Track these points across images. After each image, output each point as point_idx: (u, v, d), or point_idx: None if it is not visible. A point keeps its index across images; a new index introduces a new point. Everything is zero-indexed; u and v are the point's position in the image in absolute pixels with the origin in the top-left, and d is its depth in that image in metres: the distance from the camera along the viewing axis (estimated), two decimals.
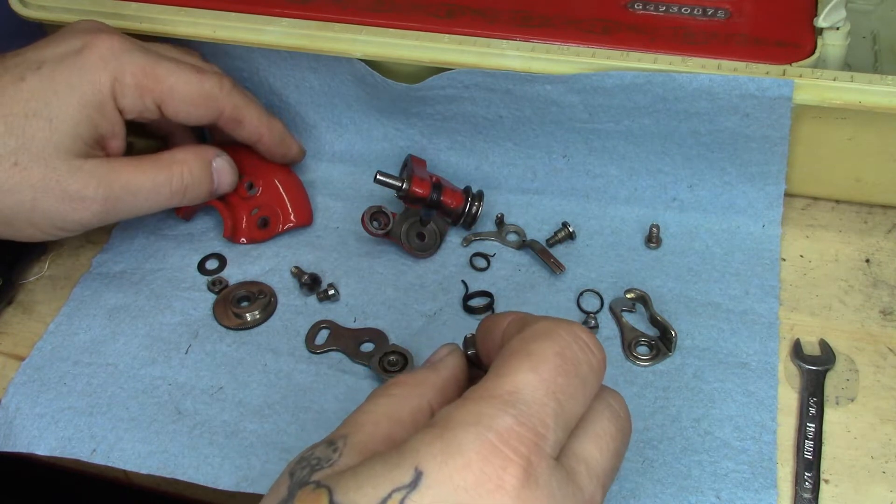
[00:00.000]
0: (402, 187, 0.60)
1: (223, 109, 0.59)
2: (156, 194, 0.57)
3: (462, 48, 0.60)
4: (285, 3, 0.64)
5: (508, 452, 0.33)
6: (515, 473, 0.33)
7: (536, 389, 0.35)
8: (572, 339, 0.37)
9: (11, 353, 0.59)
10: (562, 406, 0.35)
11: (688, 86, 0.57)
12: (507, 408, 0.34)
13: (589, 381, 0.37)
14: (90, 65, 0.55)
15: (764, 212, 0.62)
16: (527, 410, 0.34)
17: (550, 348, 0.36)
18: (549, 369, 0.36)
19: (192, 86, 0.57)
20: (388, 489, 0.33)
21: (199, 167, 0.59)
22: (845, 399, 0.54)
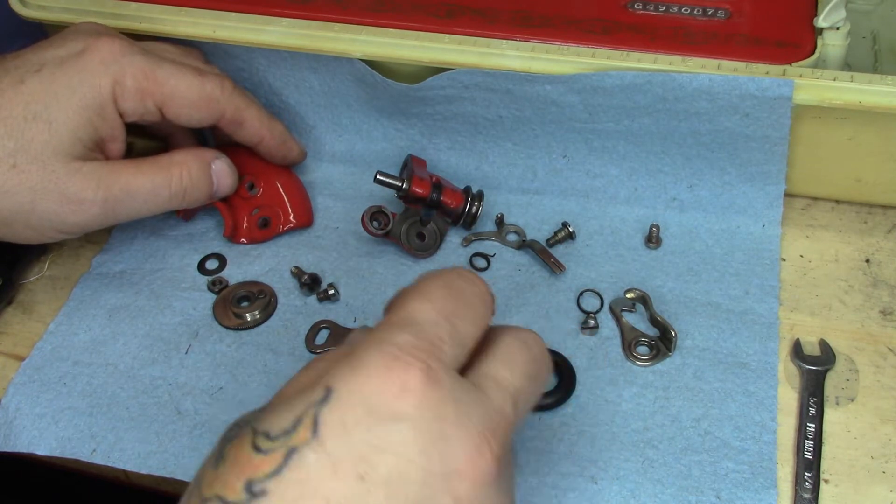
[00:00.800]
0: (402, 187, 0.60)
1: (224, 112, 0.59)
2: (155, 196, 0.57)
3: (462, 48, 0.60)
4: (285, 3, 0.64)
5: (409, 359, 0.36)
6: (417, 375, 0.36)
7: (428, 313, 0.38)
8: (455, 274, 0.41)
9: (11, 353, 0.59)
10: (454, 326, 0.39)
11: (688, 86, 0.57)
12: (405, 327, 0.37)
13: (476, 306, 0.40)
14: (91, 68, 0.55)
15: (764, 212, 0.62)
16: (421, 329, 0.38)
17: (438, 281, 0.40)
18: (438, 297, 0.39)
19: (194, 89, 0.57)
20: (302, 408, 0.35)
21: (198, 169, 0.59)
22: (845, 399, 0.54)
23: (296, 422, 0.35)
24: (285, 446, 0.34)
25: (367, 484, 0.34)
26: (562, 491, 0.50)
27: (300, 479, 0.34)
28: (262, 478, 0.34)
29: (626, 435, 0.52)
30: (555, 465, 0.51)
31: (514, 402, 0.39)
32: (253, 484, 0.34)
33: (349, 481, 0.34)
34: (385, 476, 0.34)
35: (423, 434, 0.35)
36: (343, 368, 0.36)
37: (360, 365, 0.36)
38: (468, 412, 0.36)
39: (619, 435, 0.52)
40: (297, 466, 0.34)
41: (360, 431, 0.34)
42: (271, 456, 0.34)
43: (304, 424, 0.35)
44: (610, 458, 0.51)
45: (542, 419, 0.53)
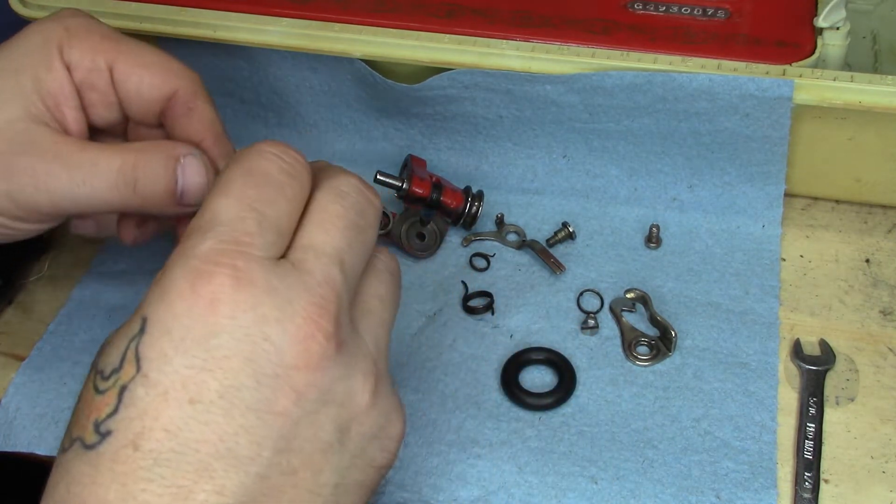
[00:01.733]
0: (402, 187, 0.60)
1: (181, 86, 0.50)
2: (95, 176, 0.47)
3: (462, 48, 0.60)
4: (285, 3, 0.64)
5: (212, 268, 0.35)
6: (223, 281, 0.35)
7: (230, 208, 0.37)
8: (256, 153, 0.39)
9: (11, 353, 0.59)
10: (262, 213, 0.37)
11: (688, 86, 0.57)
12: (206, 233, 0.36)
13: (286, 184, 0.38)
14: (44, 20, 0.50)
15: (764, 212, 0.62)
16: (224, 228, 0.36)
17: (237, 169, 0.38)
18: (239, 187, 0.37)
19: (153, 54, 0.51)
20: (126, 342, 0.35)
21: (160, 160, 0.47)
22: (845, 399, 0.54)
23: (121, 358, 0.35)
24: (117, 385, 0.35)
25: (201, 404, 0.34)
26: (562, 491, 0.50)
27: (136, 414, 0.34)
28: (104, 418, 0.35)
29: (626, 435, 0.52)
30: (555, 465, 0.51)
31: (340, 263, 0.38)
32: (99, 424, 0.35)
33: (183, 406, 0.34)
34: (217, 392, 0.34)
35: (243, 341, 0.35)
36: (154, 294, 0.36)
37: (167, 288, 0.35)
38: (289, 299, 0.36)
39: (619, 435, 0.52)
40: (131, 403, 0.34)
41: (180, 356, 0.34)
42: (108, 395, 0.35)
43: (128, 360, 0.35)
44: (610, 458, 0.51)
45: (542, 419, 0.53)
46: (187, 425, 0.34)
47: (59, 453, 0.36)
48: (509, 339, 0.57)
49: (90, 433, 0.35)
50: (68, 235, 0.65)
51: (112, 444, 0.34)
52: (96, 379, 0.36)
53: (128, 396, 0.34)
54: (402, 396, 0.54)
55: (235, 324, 0.35)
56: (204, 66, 0.66)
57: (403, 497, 0.50)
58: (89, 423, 0.35)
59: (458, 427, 0.53)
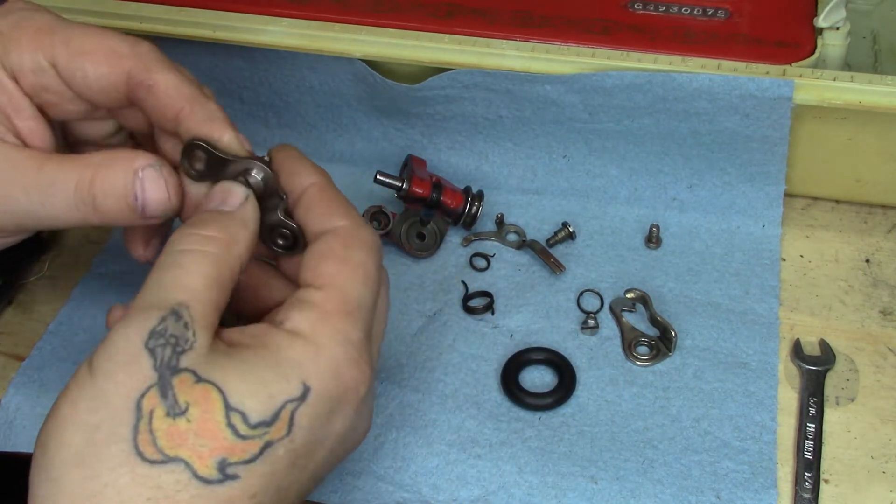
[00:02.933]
0: (402, 187, 0.60)
1: (131, 66, 0.45)
2: (53, 197, 0.44)
3: (462, 48, 0.60)
4: (285, 3, 0.64)
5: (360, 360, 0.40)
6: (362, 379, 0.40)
7: (369, 300, 0.41)
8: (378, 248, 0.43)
9: (11, 353, 0.59)
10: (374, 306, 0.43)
11: (687, 86, 0.57)
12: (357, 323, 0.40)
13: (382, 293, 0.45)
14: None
15: (764, 212, 0.62)
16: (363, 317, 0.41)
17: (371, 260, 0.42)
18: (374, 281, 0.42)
19: (93, 38, 0.46)
20: (282, 401, 0.37)
21: (117, 174, 0.44)
22: (845, 399, 0.54)
23: (274, 416, 0.37)
24: (263, 439, 0.36)
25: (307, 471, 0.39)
26: (562, 491, 0.50)
27: (269, 471, 0.36)
28: (237, 462, 0.35)
29: (626, 435, 0.52)
30: (555, 465, 0.51)
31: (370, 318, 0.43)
32: (227, 466, 0.35)
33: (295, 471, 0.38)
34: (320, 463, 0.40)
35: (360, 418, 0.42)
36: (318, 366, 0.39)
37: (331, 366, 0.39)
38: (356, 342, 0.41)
39: (619, 435, 0.52)
40: (269, 460, 0.36)
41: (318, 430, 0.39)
42: (249, 444, 0.36)
43: (282, 419, 0.37)
44: (610, 458, 0.51)
45: (542, 419, 0.53)
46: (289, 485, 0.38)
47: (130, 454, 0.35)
48: (509, 339, 0.57)
49: (210, 468, 0.35)
50: (68, 235, 0.65)
51: (234, 489, 0.36)
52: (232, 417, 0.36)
53: (270, 453, 0.37)
54: (402, 396, 0.54)
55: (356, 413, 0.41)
56: (204, 66, 0.66)
57: (403, 497, 0.50)
58: (211, 458, 0.35)
59: (458, 427, 0.53)
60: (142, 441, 0.35)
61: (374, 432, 0.53)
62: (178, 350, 0.37)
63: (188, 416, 0.36)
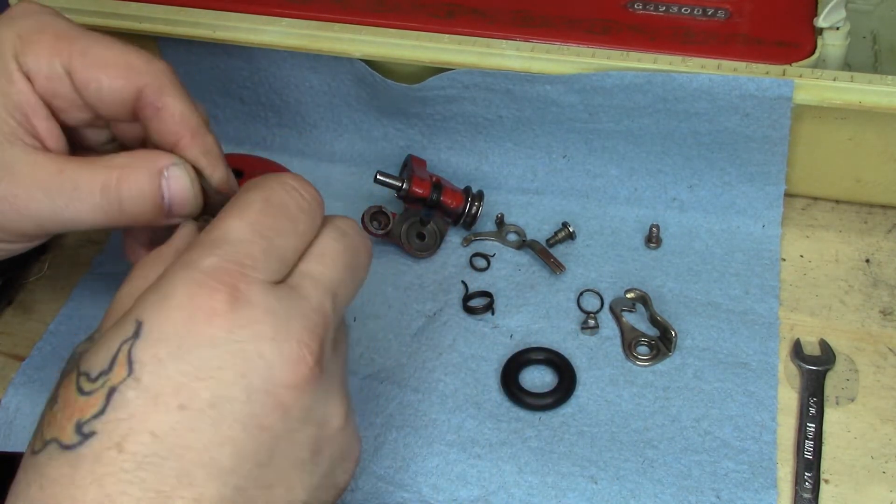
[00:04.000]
0: (402, 187, 0.60)
1: (144, 85, 0.46)
2: (77, 200, 0.44)
3: (462, 48, 0.60)
4: (285, 3, 0.64)
5: (213, 283, 0.36)
6: (223, 299, 0.36)
7: (241, 230, 0.38)
8: (279, 184, 0.40)
9: (11, 353, 0.59)
10: (270, 241, 0.38)
11: (688, 86, 0.57)
12: (213, 249, 0.37)
13: (300, 219, 0.40)
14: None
15: (764, 212, 0.62)
16: (231, 249, 0.37)
17: (256, 195, 0.40)
18: (254, 212, 0.39)
19: (111, 50, 0.46)
20: (117, 344, 0.36)
21: (143, 175, 0.45)
22: (845, 399, 0.54)
23: (112, 360, 0.36)
24: (105, 387, 0.35)
25: (190, 411, 0.35)
26: (562, 491, 0.50)
27: (123, 417, 0.35)
28: (89, 419, 0.35)
29: (626, 435, 0.52)
30: (555, 465, 0.51)
31: (333, 295, 0.40)
32: (82, 425, 0.35)
33: (172, 412, 0.35)
34: (207, 401, 0.35)
35: (238, 356, 0.36)
36: (150, 299, 0.36)
37: (166, 295, 0.36)
38: (286, 321, 0.37)
39: (619, 435, 0.52)
40: (119, 405, 0.35)
41: (175, 362, 0.35)
42: (94, 396, 0.35)
43: (120, 362, 0.35)
44: (610, 458, 0.51)
45: (542, 419, 0.53)
46: (175, 431, 0.35)
47: (27, 455, 0.36)
48: (509, 339, 0.57)
49: (70, 434, 0.35)
50: (68, 235, 0.65)
51: (95, 446, 0.34)
52: (80, 380, 0.36)
53: (117, 398, 0.35)
54: (402, 396, 0.54)
55: (232, 338, 0.36)
56: (204, 66, 0.66)
57: (403, 497, 0.50)
58: (69, 423, 0.35)
59: (458, 427, 0.53)
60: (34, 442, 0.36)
61: (374, 432, 0.53)
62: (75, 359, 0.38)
63: (56, 400, 0.37)
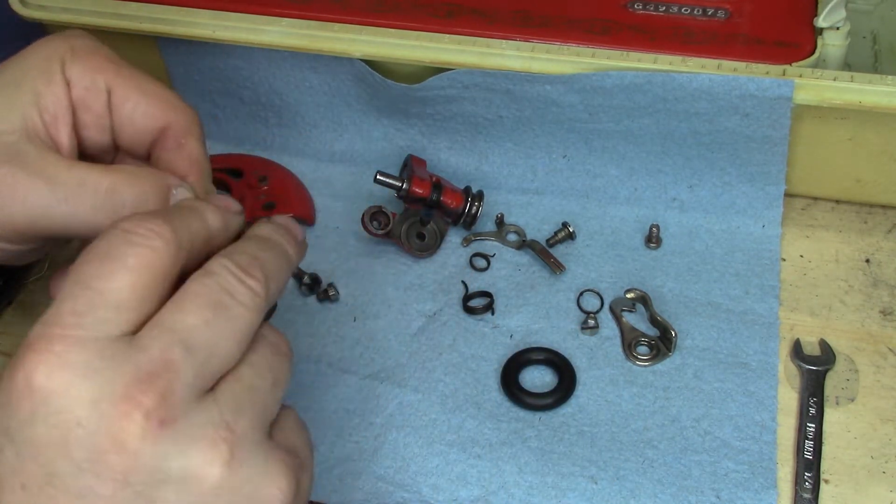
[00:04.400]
0: (402, 187, 0.60)
1: (175, 120, 0.48)
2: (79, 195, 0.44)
3: (462, 48, 0.60)
4: (285, 3, 0.64)
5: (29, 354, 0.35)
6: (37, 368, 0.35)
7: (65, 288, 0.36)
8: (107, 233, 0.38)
9: (11, 353, 0.59)
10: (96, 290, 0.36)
11: (687, 86, 0.57)
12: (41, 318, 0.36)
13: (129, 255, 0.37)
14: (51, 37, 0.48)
15: (764, 212, 0.62)
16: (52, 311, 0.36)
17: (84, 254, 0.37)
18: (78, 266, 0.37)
19: (151, 83, 0.49)
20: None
21: (151, 186, 0.45)
22: (845, 399, 0.54)
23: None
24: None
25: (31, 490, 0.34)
26: (562, 491, 0.50)
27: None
28: None
29: (626, 435, 0.52)
30: (555, 465, 0.51)
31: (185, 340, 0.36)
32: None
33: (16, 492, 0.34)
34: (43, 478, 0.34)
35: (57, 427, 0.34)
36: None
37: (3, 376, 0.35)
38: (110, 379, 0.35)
39: (619, 435, 0.52)
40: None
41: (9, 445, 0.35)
42: None
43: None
44: (610, 458, 0.51)
45: (542, 419, 0.53)
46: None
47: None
48: (509, 339, 0.57)
49: None
50: None
51: None
52: None
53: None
54: (402, 396, 0.54)
55: (49, 409, 0.34)
56: (204, 66, 0.66)
57: (403, 497, 0.50)
58: None
59: (458, 427, 0.53)
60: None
61: (374, 432, 0.53)
62: None
63: None
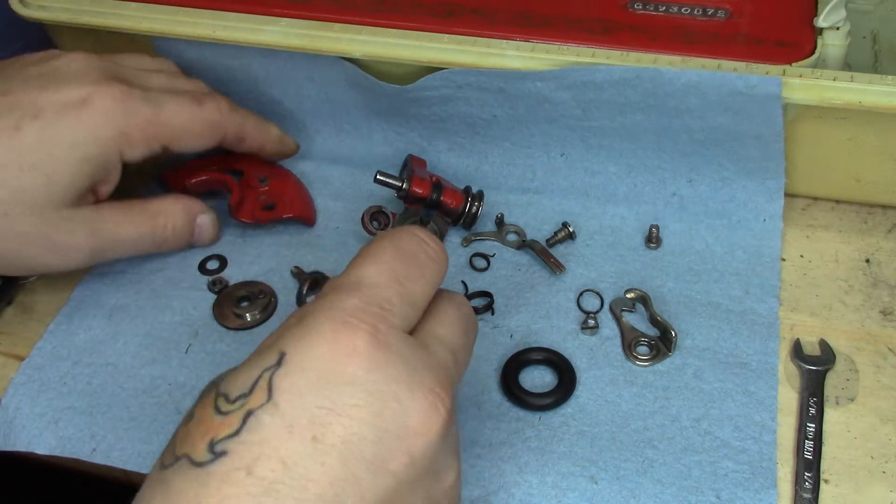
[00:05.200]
0: (402, 187, 0.60)
1: (227, 132, 0.60)
2: (137, 245, 0.59)
3: (462, 48, 0.60)
4: (285, 3, 0.64)
5: (357, 323, 0.38)
6: (365, 338, 0.37)
7: (378, 275, 0.40)
8: (408, 235, 0.43)
9: (11, 353, 0.59)
10: (403, 286, 0.40)
11: (676, 81, 0.57)
12: (354, 292, 0.39)
13: (428, 266, 0.42)
14: (94, 121, 0.54)
15: (764, 206, 0.62)
16: (370, 292, 0.39)
17: (388, 244, 0.42)
18: (388, 259, 0.41)
19: (196, 120, 0.58)
20: (259, 371, 0.37)
21: (182, 222, 0.61)
22: (845, 399, 0.54)
23: (252, 385, 0.37)
24: (243, 409, 0.36)
25: (322, 445, 0.35)
26: (562, 491, 0.50)
27: (257, 440, 0.35)
28: (222, 438, 0.36)
29: (626, 435, 0.52)
30: (555, 465, 0.51)
31: (454, 355, 0.42)
32: (215, 444, 0.36)
33: (305, 443, 0.35)
34: (340, 437, 0.36)
35: (375, 396, 0.37)
36: (295, 333, 0.38)
37: (310, 330, 0.38)
38: (418, 370, 0.38)
39: (619, 435, 0.52)
40: (254, 428, 0.36)
41: (313, 395, 0.36)
42: (230, 417, 0.36)
43: (260, 388, 0.36)
44: (610, 458, 0.51)
45: (542, 419, 0.53)
46: (304, 462, 0.35)
47: (155, 469, 0.37)
48: (509, 339, 0.57)
49: (202, 451, 0.36)
50: None
51: (225, 465, 0.35)
52: (219, 400, 0.37)
53: (253, 421, 0.36)
54: None
55: (370, 377, 0.37)
56: (204, 66, 0.66)
57: None
58: (203, 442, 0.36)
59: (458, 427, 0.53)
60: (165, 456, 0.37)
61: None
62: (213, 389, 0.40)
63: (192, 418, 0.38)
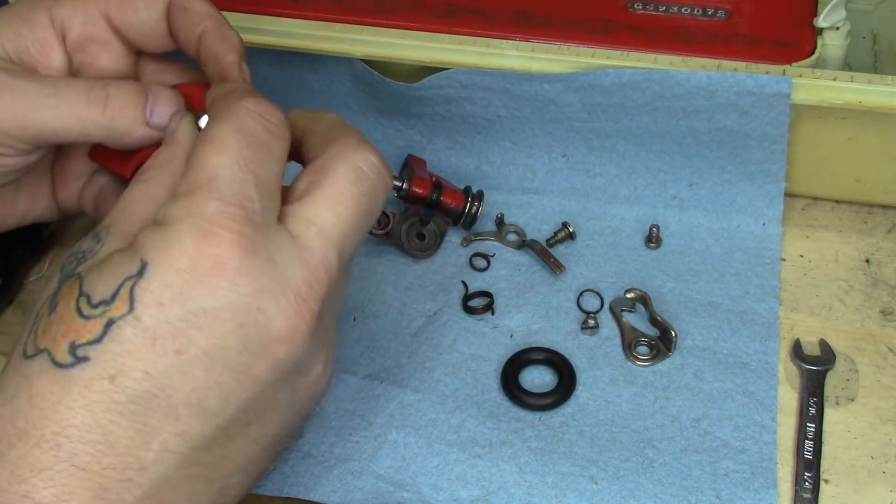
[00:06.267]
0: (402, 187, 0.60)
1: None
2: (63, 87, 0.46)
3: (462, 48, 0.60)
4: (285, 3, 0.64)
5: (220, 231, 0.36)
6: (229, 247, 0.36)
7: (229, 167, 0.38)
8: (244, 112, 0.40)
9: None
10: (256, 174, 0.38)
11: (685, 83, 0.57)
12: (211, 192, 0.37)
13: (273, 144, 0.40)
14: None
15: (764, 210, 0.62)
16: (227, 190, 0.37)
17: (226, 127, 0.39)
18: (233, 145, 0.39)
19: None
20: (120, 279, 0.36)
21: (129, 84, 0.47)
22: (845, 399, 0.54)
23: (113, 294, 0.36)
24: (104, 317, 0.36)
25: (186, 356, 0.36)
26: (562, 491, 0.50)
27: (119, 351, 0.36)
28: (84, 344, 0.36)
29: (626, 435, 0.52)
30: (555, 465, 0.51)
31: (341, 248, 0.40)
32: (76, 348, 0.36)
33: (168, 355, 0.36)
34: (202, 349, 0.36)
35: (239, 308, 0.36)
36: (156, 242, 0.37)
37: (172, 241, 0.36)
38: (285, 274, 0.37)
39: (619, 435, 0.52)
40: (116, 339, 0.36)
41: (176, 308, 0.36)
42: (92, 322, 0.36)
43: (122, 297, 0.36)
44: (610, 458, 0.51)
45: (542, 419, 0.53)
46: (167, 372, 0.36)
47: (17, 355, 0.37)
48: (509, 339, 0.57)
49: (64, 353, 0.36)
50: (68, 235, 0.65)
51: (87, 371, 0.35)
52: (80, 301, 0.36)
53: (115, 331, 0.36)
54: (402, 396, 0.54)
55: (234, 290, 0.36)
56: None
57: (403, 497, 0.50)
58: (64, 342, 0.36)
59: (458, 427, 0.53)
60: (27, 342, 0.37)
61: (374, 432, 0.53)
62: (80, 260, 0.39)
63: (56, 309, 0.37)
